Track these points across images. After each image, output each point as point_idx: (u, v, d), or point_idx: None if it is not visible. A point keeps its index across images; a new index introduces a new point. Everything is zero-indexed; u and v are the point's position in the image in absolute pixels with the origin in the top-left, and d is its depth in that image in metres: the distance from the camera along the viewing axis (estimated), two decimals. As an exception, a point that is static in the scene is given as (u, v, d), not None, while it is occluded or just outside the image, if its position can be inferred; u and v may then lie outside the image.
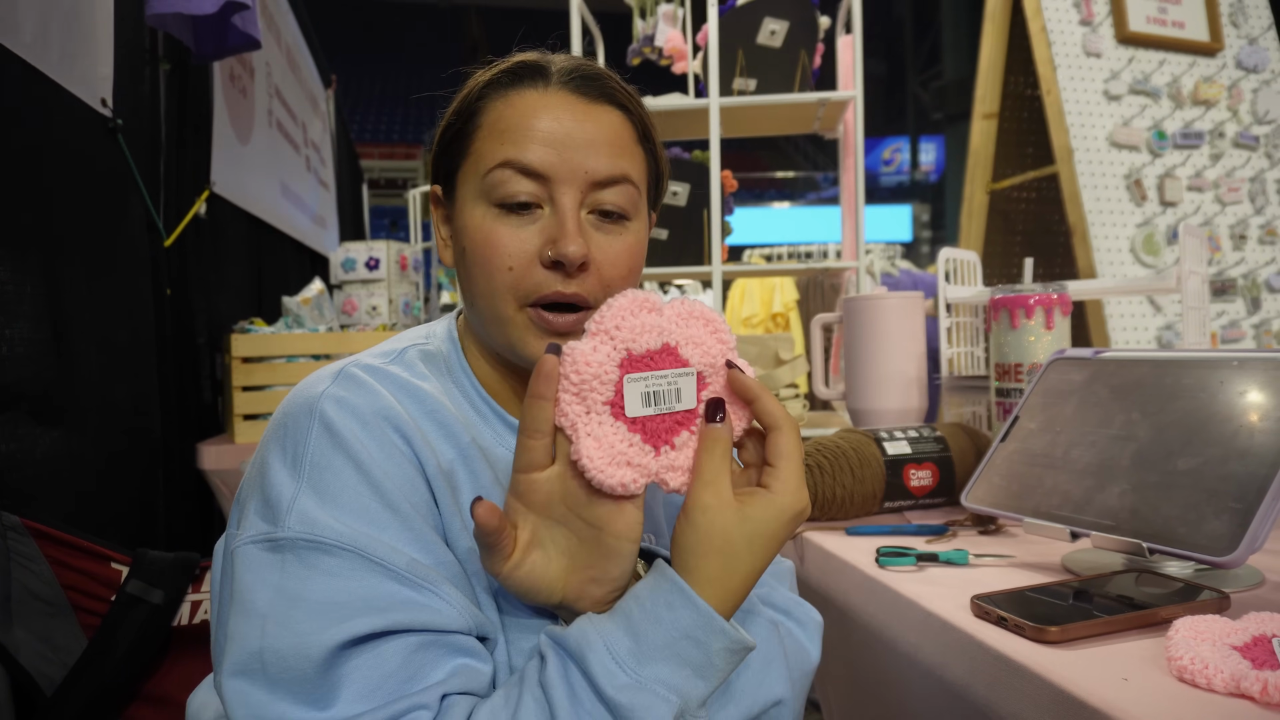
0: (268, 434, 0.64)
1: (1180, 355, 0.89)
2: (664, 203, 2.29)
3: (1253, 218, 2.69)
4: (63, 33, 1.47)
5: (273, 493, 0.60)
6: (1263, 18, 2.83)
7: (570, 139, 0.67)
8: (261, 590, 0.57)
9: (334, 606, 0.56)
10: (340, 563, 0.57)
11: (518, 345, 0.68)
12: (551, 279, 0.66)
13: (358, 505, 0.59)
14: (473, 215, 0.68)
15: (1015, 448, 0.97)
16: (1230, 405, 0.82)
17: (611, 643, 0.55)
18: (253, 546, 0.59)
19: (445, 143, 0.72)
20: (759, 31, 2.27)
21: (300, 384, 0.67)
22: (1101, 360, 0.96)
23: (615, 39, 2.61)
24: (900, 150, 15.34)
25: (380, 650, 0.56)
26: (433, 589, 0.59)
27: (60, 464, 1.44)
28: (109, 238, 1.70)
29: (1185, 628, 0.64)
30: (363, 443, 0.61)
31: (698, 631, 0.55)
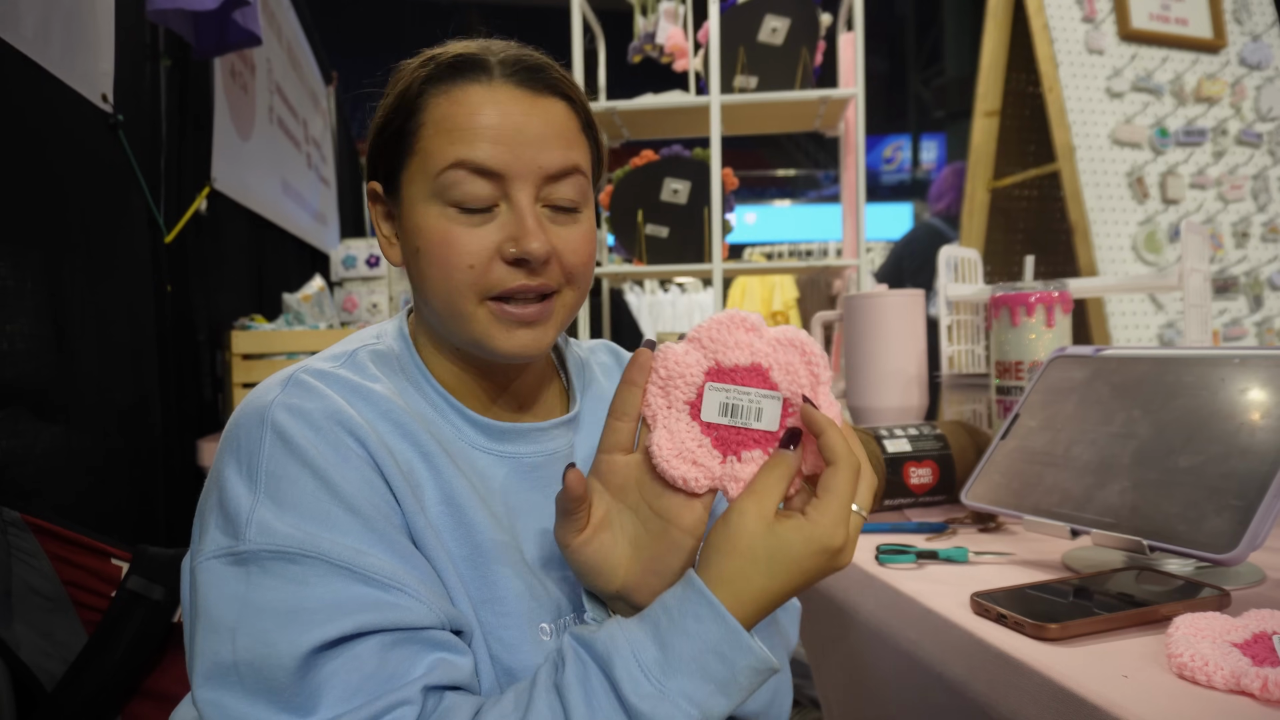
0: (221, 446, 0.64)
1: (1181, 353, 0.89)
2: (665, 200, 2.29)
3: (1255, 215, 2.69)
4: (64, 28, 1.47)
5: (231, 506, 0.60)
6: (1266, 14, 2.82)
7: (521, 134, 0.67)
8: (227, 603, 0.57)
9: (302, 613, 0.56)
10: (304, 570, 0.57)
11: (483, 339, 0.68)
12: (513, 274, 0.67)
13: (317, 511, 0.59)
14: (426, 215, 0.67)
15: (1016, 445, 0.97)
16: (1231, 403, 0.82)
17: (638, 650, 0.55)
18: (215, 561, 0.59)
19: (384, 140, 0.70)
20: (760, 29, 2.27)
21: (250, 393, 0.66)
22: (1102, 358, 0.96)
23: (616, 36, 2.61)
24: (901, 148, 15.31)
25: (355, 651, 0.56)
26: (401, 588, 0.59)
27: (61, 460, 1.44)
28: (110, 234, 1.70)
29: (1185, 625, 0.64)
30: (317, 448, 0.61)
31: (724, 647, 0.55)
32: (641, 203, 2.26)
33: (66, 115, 1.54)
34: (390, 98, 0.71)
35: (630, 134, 2.58)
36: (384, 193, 0.72)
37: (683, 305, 5.37)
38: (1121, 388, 0.91)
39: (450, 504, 0.67)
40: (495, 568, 0.66)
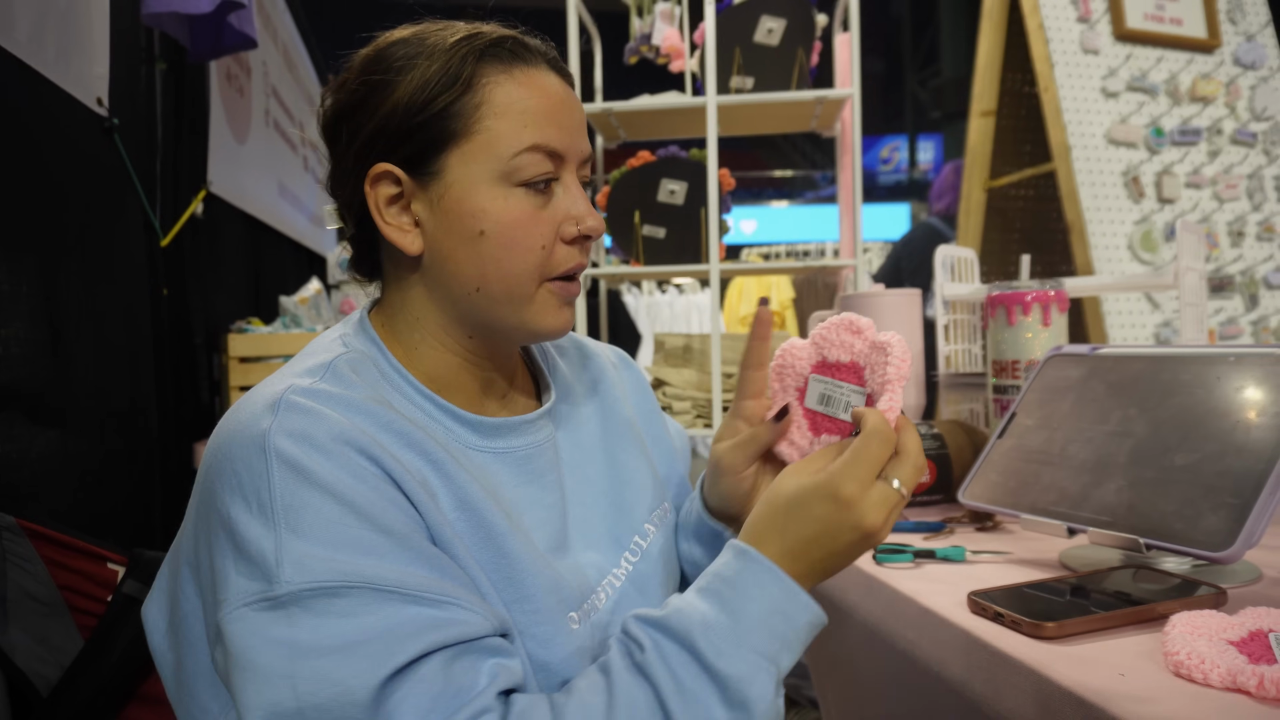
0: (213, 484, 0.60)
1: (1177, 351, 0.89)
2: (662, 201, 2.29)
3: (1250, 214, 2.69)
4: (59, 31, 1.46)
5: (251, 548, 0.56)
6: (1260, 14, 2.83)
7: (573, 120, 0.71)
8: (275, 651, 0.54)
9: (362, 646, 0.54)
10: (352, 602, 0.55)
11: (536, 320, 0.71)
12: (573, 253, 0.71)
13: (347, 538, 0.57)
14: (493, 198, 0.67)
15: (1012, 444, 0.97)
16: (1227, 401, 0.82)
17: (710, 621, 0.57)
18: (247, 610, 0.55)
19: (415, 119, 0.67)
20: (756, 29, 2.27)
21: (232, 421, 0.62)
22: (1099, 356, 0.96)
23: (612, 37, 2.61)
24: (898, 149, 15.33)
25: (420, 674, 0.54)
26: (452, 601, 0.58)
27: (56, 464, 1.44)
28: (105, 237, 1.70)
29: (1182, 623, 0.64)
30: (331, 472, 0.58)
31: (785, 605, 0.59)
32: (638, 204, 2.26)
33: (61, 119, 1.54)
34: (422, 74, 0.67)
35: (627, 135, 2.58)
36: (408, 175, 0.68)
37: (680, 306, 5.38)
38: (1118, 386, 0.91)
39: (466, 508, 0.66)
40: (519, 566, 0.66)
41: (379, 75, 0.68)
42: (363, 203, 0.69)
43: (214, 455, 0.61)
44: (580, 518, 0.75)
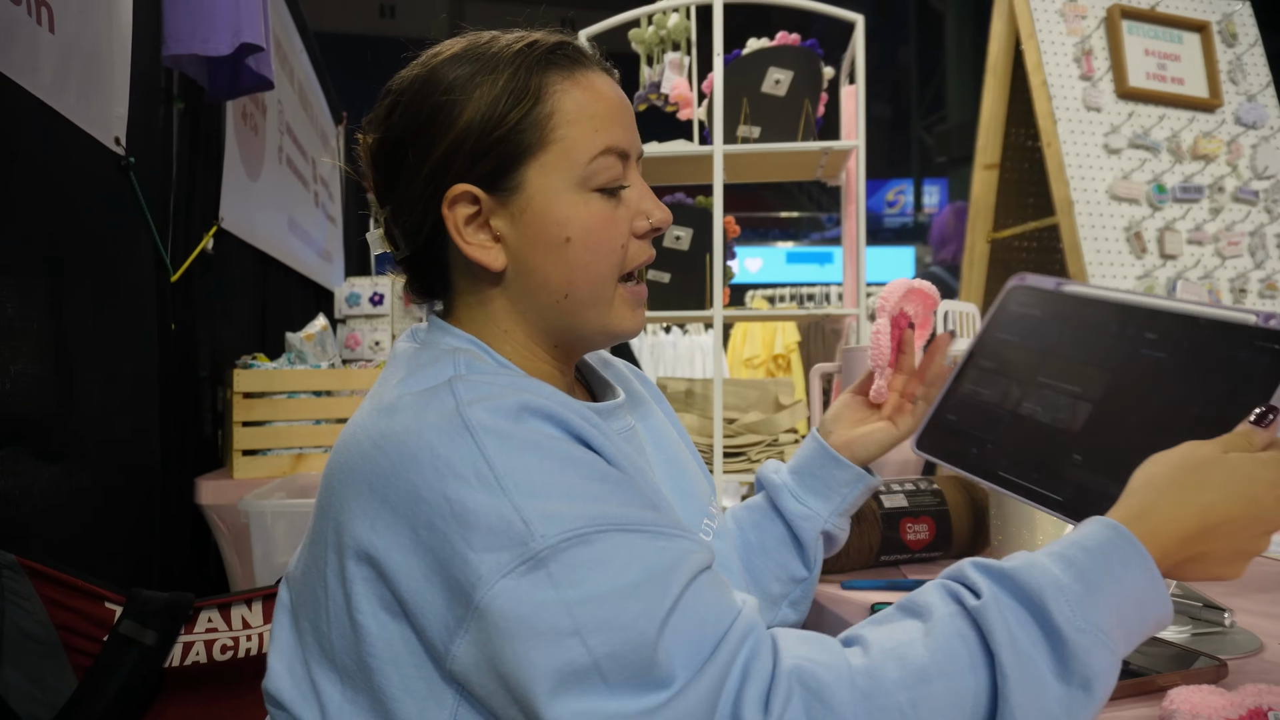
0: (407, 481, 0.57)
1: (1148, 302, 0.75)
2: (667, 247, 2.31)
3: (1253, 272, 2.71)
4: (81, 74, 1.50)
5: (489, 521, 0.54)
6: (1261, 75, 2.87)
7: (631, 119, 0.73)
8: (551, 611, 0.52)
9: (635, 587, 0.53)
10: (605, 546, 0.54)
11: (616, 322, 0.73)
12: (644, 247, 0.73)
13: (577, 488, 0.57)
14: (574, 204, 0.69)
15: (969, 391, 0.85)
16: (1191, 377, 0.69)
17: (1064, 586, 0.53)
18: (507, 580, 0.53)
19: (490, 137, 0.67)
20: (764, 80, 2.31)
21: (393, 423, 0.59)
22: (1062, 295, 0.82)
23: (621, 81, 2.65)
24: (904, 192, 15.46)
25: (684, 604, 0.54)
26: (681, 535, 0.59)
27: (58, 500, 1.44)
28: (116, 272, 1.72)
29: (1180, 699, 0.64)
30: (533, 433, 0.58)
31: (1145, 596, 0.54)
32: (644, 249, 2.28)
33: (78, 157, 1.56)
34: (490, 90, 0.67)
35: (634, 180, 2.61)
36: (488, 194, 0.69)
37: (684, 347, 5.40)
38: (1079, 337, 0.78)
39: (633, 465, 0.67)
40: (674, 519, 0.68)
41: (441, 96, 0.68)
42: (435, 224, 0.70)
43: (394, 456, 0.58)
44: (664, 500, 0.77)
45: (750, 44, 2.36)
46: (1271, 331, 0.62)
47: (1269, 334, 0.62)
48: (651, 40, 2.47)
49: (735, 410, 2.21)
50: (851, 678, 0.52)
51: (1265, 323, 0.63)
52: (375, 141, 0.73)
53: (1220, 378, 0.64)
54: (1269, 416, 0.59)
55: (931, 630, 0.54)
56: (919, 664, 0.52)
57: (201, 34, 1.84)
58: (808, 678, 0.52)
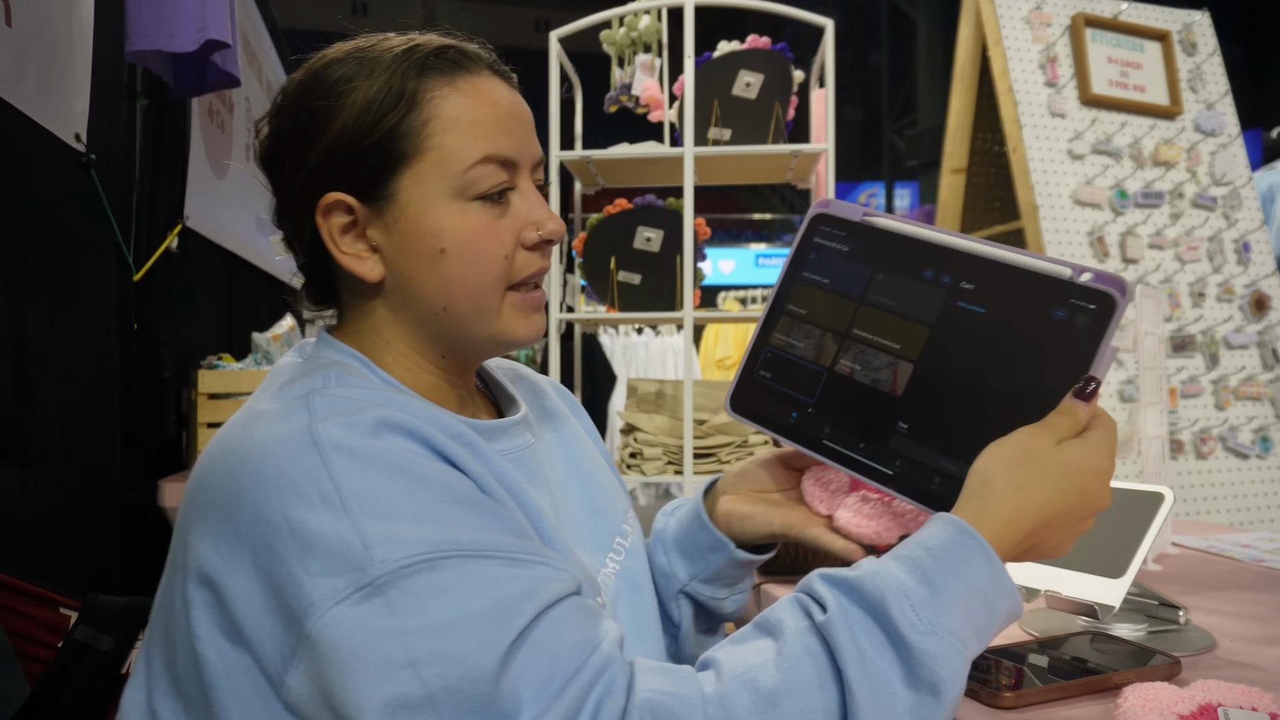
0: (253, 499, 0.54)
1: (962, 245, 0.66)
2: (638, 248, 2.32)
3: (1211, 276, 2.77)
4: (40, 69, 1.47)
5: (327, 543, 0.52)
6: (1219, 84, 2.94)
7: (522, 125, 0.70)
8: (385, 641, 0.50)
9: (478, 617, 0.51)
10: (452, 573, 0.52)
11: (507, 331, 0.70)
12: (534, 259, 0.70)
13: (427, 510, 0.54)
14: (450, 214, 0.66)
15: (780, 343, 0.74)
16: (1013, 330, 0.62)
17: (908, 590, 0.53)
18: (342, 607, 0.50)
19: (363, 144, 0.65)
20: (735, 83, 2.32)
21: (247, 436, 0.58)
22: (869, 228, 0.72)
23: (592, 83, 2.65)
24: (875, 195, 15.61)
25: (533, 637, 0.52)
26: (542, 560, 0.56)
27: (16, 503, 1.41)
28: (77, 271, 1.69)
29: (1134, 695, 0.65)
30: (388, 451, 0.56)
31: (990, 590, 0.54)
32: (614, 250, 2.28)
33: (37, 153, 1.53)
34: (364, 96, 0.65)
35: (605, 181, 2.61)
36: (360, 201, 0.66)
37: (656, 348, 5.40)
38: (892, 285, 0.69)
39: (508, 486, 0.64)
40: (558, 548, 0.65)
41: (319, 101, 0.66)
42: (314, 232, 0.67)
43: (237, 473, 0.56)
44: (565, 521, 0.74)
45: (721, 46, 2.37)
46: (1086, 289, 0.58)
47: (1084, 291, 0.58)
48: (623, 42, 2.47)
49: (706, 411, 2.22)
50: (704, 708, 0.52)
51: (1078, 277, 0.59)
52: (262, 143, 0.71)
53: (1040, 337, 0.60)
54: (1089, 388, 0.58)
55: (782, 649, 0.53)
56: (769, 687, 0.52)
57: (166, 30, 1.81)
58: (661, 712, 0.52)
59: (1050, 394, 0.59)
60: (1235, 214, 2.83)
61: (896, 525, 0.67)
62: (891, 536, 0.66)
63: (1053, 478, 0.57)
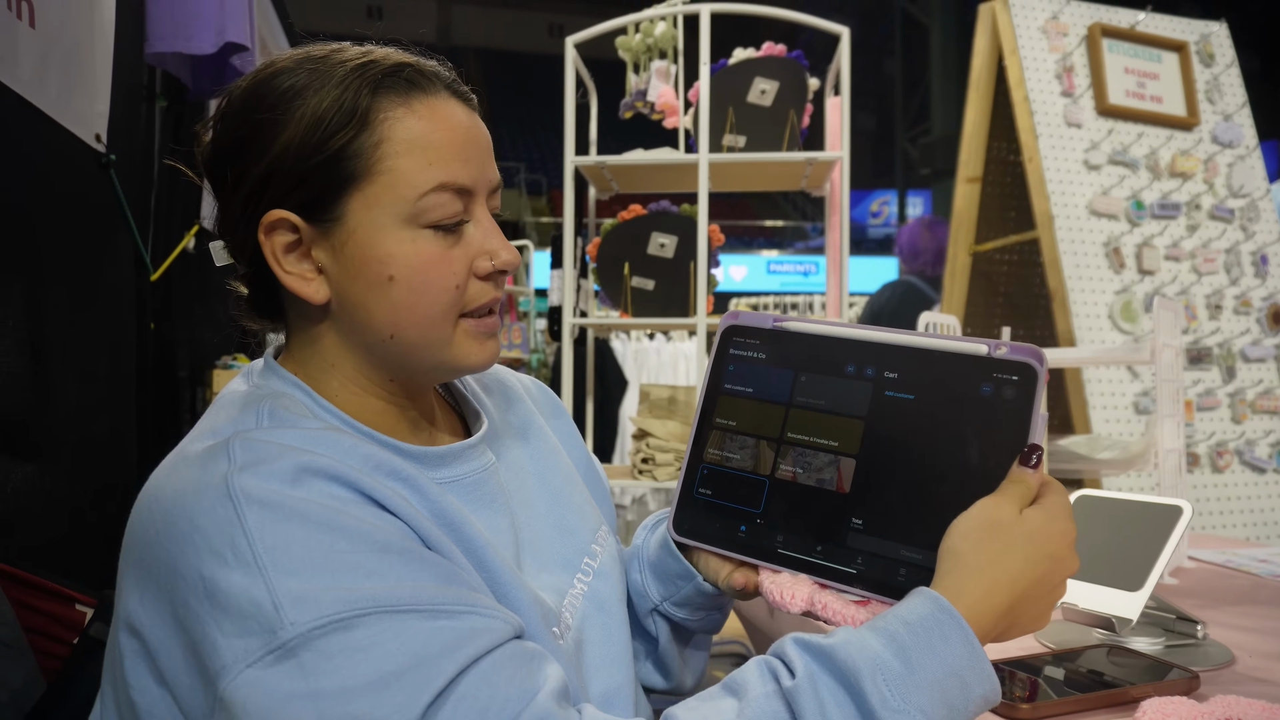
0: (168, 553, 0.53)
1: (879, 337, 0.67)
2: (652, 254, 2.32)
3: (1228, 288, 2.75)
4: (61, 70, 1.48)
5: (239, 603, 0.50)
6: (1237, 95, 2.92)
7: (479, 151, 0.67)
8: (297, 707, 0.48)
9: (394, 677, 0.49)
10: (369, 631, 0.50)
11: (459, 358, 0.67)
12: (488, 288, 0.68)
13: (345, 564, 0.52)
14: (401, 241, 0.63)
15: (715, 459, 0.73)
16: (946, 412, 0.63)
17: (883, 664, 0.52)
18: (254, 670, 0.49)
19: (310, 162, 0.62)
20: (750, 90, 2.32)
21: (168, 485, 0.56)
22: (783, 334, 0.72)
23: (608, 88, 2.66)
24: (888, 203, 15.59)
25: (460, 692, 0.50)
26: (470, 610, 0.54)
27: (33, 498, 1.42)
28: (95, 270, 1.70)
29: (1152, 709, 0.65)
30: (307, 501, 0.54)
31: (967, 672, 0.53)
32: (628, 255, 2.28)
33: (58, 154, 1.55)
34: (313, 111, 0.62)
35: (620, 187, 2.61)
36: (307, 222, 0.63)
37: (668, 354, 5.39)
38: (818, 384, 0.69)
39: (447, 523, 0.62)
40: (503, 580, 0.63)
41: (265, 112, 0.62)
42: (256, 247, 0.64)
43: (159, 526, 0.55)
44: (530, 542, 0.72)
45: (737, 54, 2.37)
46: (1006, 362, 0.60)
47: (1004, 364, 0.60)
48: (639, 48, 2.47)
49: (717, 418, 2.21)
50: None
51: (994, 352, 0.61)
52: (203, 149, 0.68)
53: (972, 413, 0.61)
54: (1034, 457, 0.58)
55: (743, 711, 0.52)
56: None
57: (185, 32, 1.82)
58: None
59: (995, 467, 0.60)
60: (1253, 226, 2.81)
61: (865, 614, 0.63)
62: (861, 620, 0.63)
63: (1021, 547, 0.57)
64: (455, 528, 0.63)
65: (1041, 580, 0.57)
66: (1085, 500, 0.98)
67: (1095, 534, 0.93)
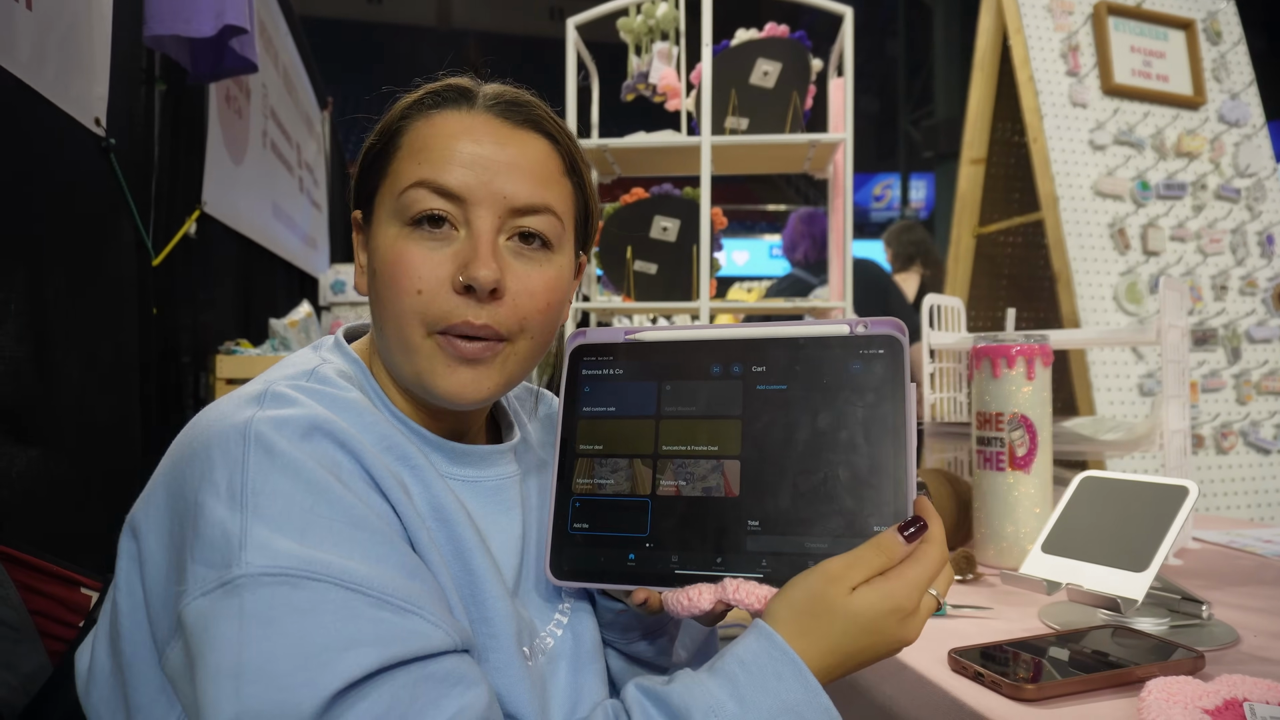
0: (184, 475, 0.57)
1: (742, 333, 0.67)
2: (654, 238, 2.31)
3: (1234, 269, 2.73)
4: (59, 52, 1.47)
5: (214, 532, 0.53)
6: (1244, 74, 2.89)
7: (490, 162, 0.65)
8: (226, 645, 0.49)
9: (318, 649, 0.49)
10: (312, 596, 0.51)
11: (425, 376, 0.65)
12: (462, 306, 0.64)
13: (317, 527, 0.54)
14: (385, 236, 0.67)
15: (585, 488, 0.68)
16: (820, 395, 0.63)
17: (716, 706, 0.53)
18: (204, 599, 0.51)
19: (366, 165, 0.71)
20: (752, 72, 2.30)
21: (212, 414, 0.60)
22: (638, 346, 0.70)
23: (610, 71, 2.64)
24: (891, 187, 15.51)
25: (376, 694, 0.50)
26: (416, 611, 0.54)
27: (37, 483, 1.42)
28: (96, 255, 1.70)
29: (1158, 689, 0.64)
30: (308, 459, 0.56)
31: (803, 708, 0.54)
32: (631, 239, 2.27)
33: (58, 137, 1.54)
34: (378, 125, 0.71)
35: (621, 170, 2.60)
36: (364, 220, 0.72)
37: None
38: (684, 389, 0.67)
39: (440, 517, 0.64)
40: (484, 586, 0.64)
41: (369, 129, 0.72)
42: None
43: (187, 448, 0.58)
44: (533, 561, 0.73)
45: (739, 35, 2.35)
46: (870, 337, 0.62)
47: (869, 340, 0.62)
48: (640, 30, 2.45)
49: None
50: None
51: (856, 329, 0.62)
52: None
53: (846, 392, 0.62)
54: (913, 529, 0.58)
55: None
56: None
57: (184, 15, 1.81)
58: None
59: (879, 437, 0.60)
60: (1259, 206, 2.79)
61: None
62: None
63: (840, 625, 0.57)
64: (449, 523, 0.64)
65: (862, 651, 0.57)
66: (1090, 481, 0.98)
67: (1100, 515, 0.93)
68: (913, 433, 0.60)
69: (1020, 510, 1.12)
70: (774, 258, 13.54)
